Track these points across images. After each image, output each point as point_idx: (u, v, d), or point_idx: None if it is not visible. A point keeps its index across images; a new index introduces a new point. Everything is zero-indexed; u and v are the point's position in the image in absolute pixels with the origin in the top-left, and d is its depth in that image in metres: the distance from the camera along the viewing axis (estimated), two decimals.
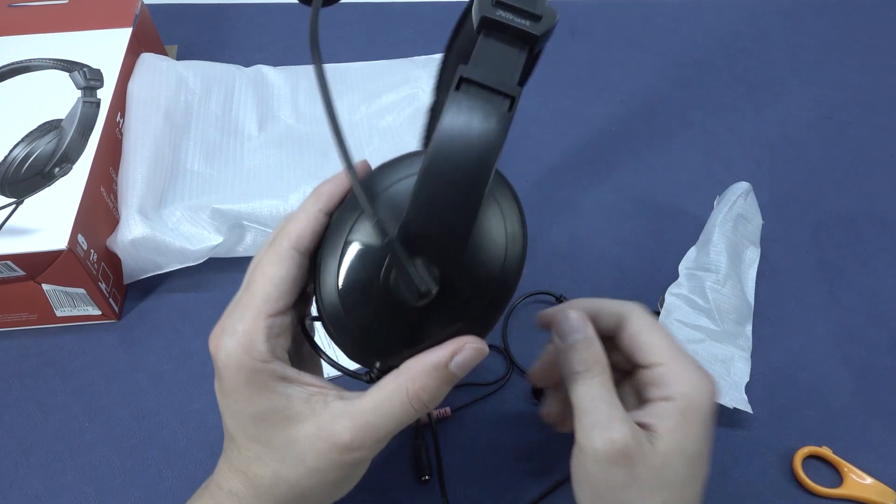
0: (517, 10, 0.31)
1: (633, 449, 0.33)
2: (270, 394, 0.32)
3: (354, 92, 0.66)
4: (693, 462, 0.34)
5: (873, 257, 0.59)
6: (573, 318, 0.37)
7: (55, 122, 0.56)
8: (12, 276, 0.51)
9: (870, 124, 0.69)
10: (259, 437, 0.32)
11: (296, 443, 0.32)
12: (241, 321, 0.32)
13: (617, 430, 0.33)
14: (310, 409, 0.32)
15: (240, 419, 0.33)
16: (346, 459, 0.32)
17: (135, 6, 0.66)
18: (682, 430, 0.34)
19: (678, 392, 0.34)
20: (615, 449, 0.33)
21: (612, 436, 0.33)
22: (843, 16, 0.80)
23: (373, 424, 0.32)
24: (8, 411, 0.51)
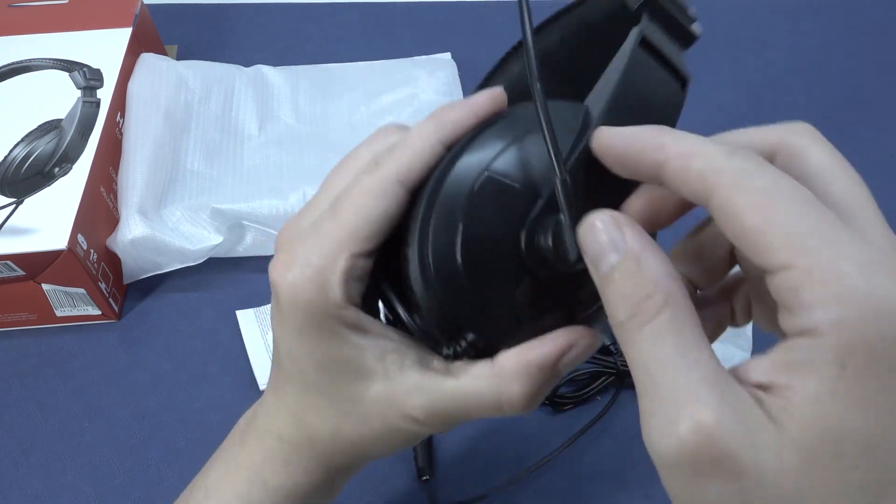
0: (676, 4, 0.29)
1: (728, 446, 0.19)
2: (342, 342, 0.28)
3: (354, 92, 0.66)
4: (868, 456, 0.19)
5: None
6: (599, 226, 0.22)
7: (55, 122, 0.56)
8: (12, 276, 0.51)
9: (870, 124, 0.69)
10: (321, 387, 0.29)
11: (362, 401, 0.28)
12: (317, 254, 0.27)
13: (689, 416, 0.19)
14: (383, 369, 0.28)
15: (301, 362, 0.29)
16: (413, 430, 0.29)
17: (135, 6, 0.66)
18: (841, 392, 0.18)
19: (827, 319, 0.18)
20: (687, 452, 0.19)
21: (680, 430, 0.19)
22: (843, 16, 0.80)
23: (450, 412, 0.28)
24: (8, 411, 0.51)
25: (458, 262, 0.26)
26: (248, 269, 0.58)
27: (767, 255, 0.19)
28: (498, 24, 0.77)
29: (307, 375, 0.29)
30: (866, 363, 0.18)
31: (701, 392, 0.19)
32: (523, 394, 0.26)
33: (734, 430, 0.19)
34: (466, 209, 0.26)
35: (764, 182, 0.20)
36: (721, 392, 0.19)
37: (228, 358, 0.53)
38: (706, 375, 0.20)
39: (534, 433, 0.49)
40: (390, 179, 0.27)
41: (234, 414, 0.50)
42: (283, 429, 0.31)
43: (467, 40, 0.75)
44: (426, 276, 0.26)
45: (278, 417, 0.31)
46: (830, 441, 0.18)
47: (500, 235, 0.26)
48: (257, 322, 0.54)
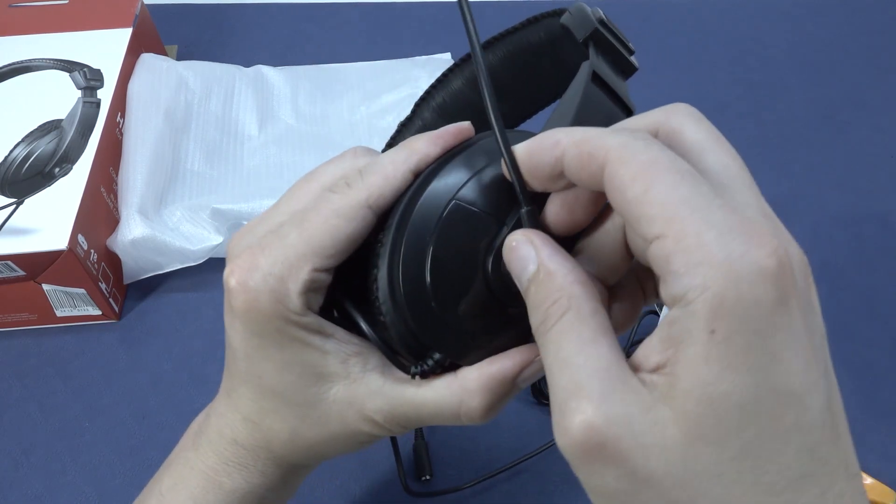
0: (618, 39, 0.31)
1: (609, 434, 0.20)
2: (303, 346, 0.28)
3: (354, 92, 0.66)
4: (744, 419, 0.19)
5: (873, 257, 0.59)
6: (514, 245, 0.24)
7: (55, 123, 0.56)
8: (12, 276, 0.51)
9: (870, 124, 0.69)
10: (279, 391, 0.29)
11: (321, 403, 0.29)
12: (280, 262, 0.27)
13: (574, 410, 0.20)
14: (345, 371, 0.29)
15: (259, 367, 0.29)
16: (371, 432, 0.30)
17: (135, 6, 0.66)
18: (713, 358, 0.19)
19: (694, 285, 0.19)
20: (577, 445, 0.20)
21: (569, 425, 0.20)
22: (843, 16, 0.80)
23: (410, 418, 0.29)
24: (8, 411, 0.51)
25: (428, 287, 0.27)
26: None
27: (645, 226, 0.20)
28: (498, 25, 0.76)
29: (264, 380, 0.29)
30: (731, 327, 0.19)
31: (588, 386, 0.20)
32: (483, 406, 0.28)
33: (615, 417, 0.20)
34: (435, 235, 0.27)
35: (645, 156, 0.21)
36: (608, 383, 0.20)
37: None
38: (597, 369, 0.21)
39: (532, 428, 0.49)
40: (360, 203, 0.27)
41: None
42: (239, 433, 0.31)
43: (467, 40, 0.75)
44: (396, 298, 0.27)
45: (234, 422, 0.31)
46: (709, 409, 0.19)
47: (467, 260, 0.27)
48: None
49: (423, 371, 0.28)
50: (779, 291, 0.19)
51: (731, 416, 0.19)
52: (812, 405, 0.20)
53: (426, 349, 0.28)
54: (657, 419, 0.20)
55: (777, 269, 0.19)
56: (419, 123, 0.39)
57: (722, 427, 0.19)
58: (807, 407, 0.19)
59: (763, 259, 0.19)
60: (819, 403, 0.20)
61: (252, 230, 0.29)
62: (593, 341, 0.21)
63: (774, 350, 0.19)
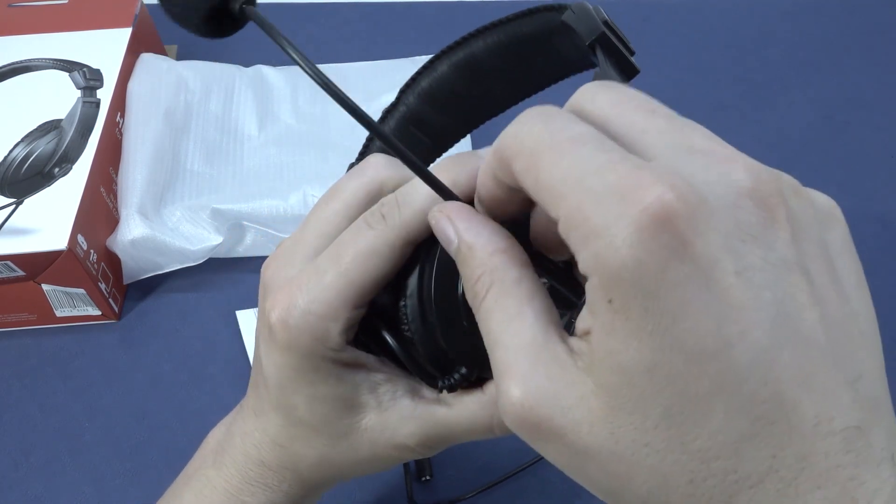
0: (621, 41, 0.31)
1: (540, 411, 0.20)
2: (337, 381, 0.28)
3: (354, 92, 0.66)
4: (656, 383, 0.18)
5: (873, 257, 0.59)
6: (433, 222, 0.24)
7: (55, 122, 0.56)
8: (12, 276, 0.51)
9: (870, 124, 0.69)
10: (311, 420, 0.29)
11: (353, 432, 0.29)
12: (320, 302, 0.27)
13: (505, 390, 0.20)
14: (375, 401, 0.29)
15: (293, 398, 0.29)
16: (400, 456, 0.30)
17: (135, 6, 0.66)
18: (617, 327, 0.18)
19: (586, 260, 0.18)
20: (515, 423, 0.20)
21: (504, 404, 0.20)
22: (843, 16, 0.80)
23: (442, 438, 0.29)
24: (8, 411, 0.51)
25: (459, 305, 0.27)
26: (248, 270, 0.58)
27: (549, 213, 0.20)
28: None
29: (297, 410, 0.29)
30: (625, 293, 0.18)
31: (515, 363, 0.20)
32: None
33: (543, 395, 0.19)
34: None
35: (530, 140, 0.20)
36: (532, 358, 0.20)
37: (228, 358, 0.53)
38: (521, 344, 0.20)
39: None
40: (400, 240, 0.27)
41: None
42: (266, 455, 0.31)
43: None
44: (426, 317, 0.27)
45: (261, 445, 0.31)
46: (621, 378, 0.18)
47: None
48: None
49: (450, 385, 0.28)
50: (665, 243, 0.17)
51: (642, 384, 0.18)
52: (737, 359, 0.17)
53: (452, 364, 0.28)
54: (582, 392, 0.19)
55: (657, 219, 0.17)
56: (403, 109, 0.38)
57: (636, 395, 0.18)
58: (730, 363, 0.17)
59: (638, 213, 0.17)
60: (749, 355, 0.17)
61: (288, 258, 0.29)
62: (518, 314, 0.21)
63: (673, 309, 0.17)
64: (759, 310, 0.18)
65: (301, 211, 0.56)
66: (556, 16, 0.33)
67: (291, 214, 0.56)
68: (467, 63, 0.36)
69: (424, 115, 0.38)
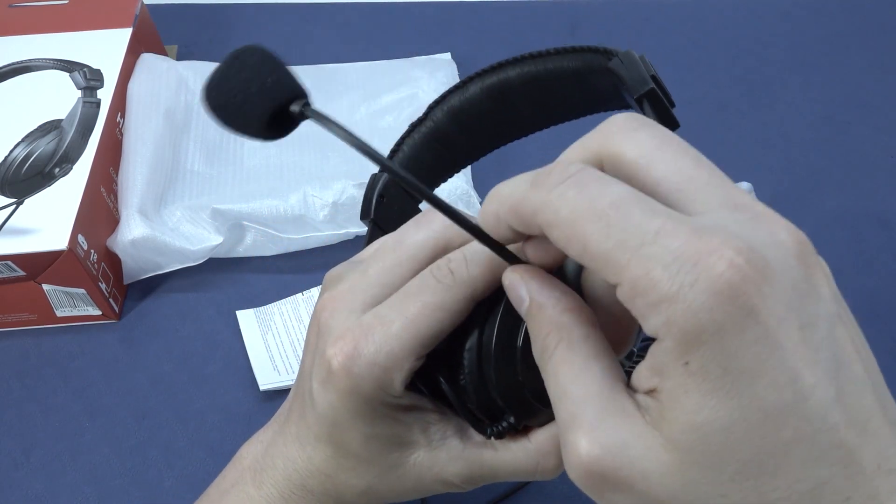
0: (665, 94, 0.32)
1: (610, 463, 0.20)
2: (393, 422, 0.30)
3: (354, 92, 0.66)
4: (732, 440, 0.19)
5: (873, 257, 0.59)
6: (508, 284, 0.25)
7: (55, 123, 0.56)
8: (12, 276, 0.51)
9: (870, 124, 0.69)
10: (361, 456, 0.30)
11: (402, 466, 0.31)
12: (385, 354, 0.28)
13: (573, 442, 0.21)
14: (426, 439, 0.30)
15: (346, 436, 0.30)
16: (442, 490, 0.31)
17: (135, 6, 0.66)
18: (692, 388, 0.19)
19: (659, 324, 0.19)
20: (582, 475, 0.21)
21: (571, 456, 0.21)
22: (843, 16, 0.80)
23: (486, 477, 0.31)
24: (8, 411, 0.51)
25: (516, 363, 0.28)
26: (248, 270, 0.58)
27: (605, 276, 0.20)
28: (498, 24, 0.77)
29: (350, 445, 0.30)
30: (703, 356, 0.18)
31: (582, 415, 0.21)
32: (558, 465, 0.30)
33: (610, 446, 0.20)
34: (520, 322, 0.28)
35: (567, 210, 0.20)
36: (600, 410, 0.21)
37: (228, 358, 0.53)
38: (589, 396, 0.21)
39: None
40: (466, 298, 0.28)
41: (235, 414, 0.51)
42: (310, 481, 0.32)
43: (467, 40, 0.75)
44: (484, 370, 0.29)
45: (305, 472, 0.32)
46: (696, 436, 0.19)
47: None
48: (257, 322, 0.54)
49: (498, 432, 0.30)
50: (740, 305, 0.18)
51: (719, 441, 0.19)
52: (812, 411, 0.19)
53: (501, 411, 0.29)
54: (651, 445, 0.20)
55: (732, 284, 0.18)
56: (430, 125, 0.39)
57: (712, 452, 0.19)
58: (806, 415, 0.18)
59: (713, 279, 0.18)
60: (822, 406, 0.19)
61: (346, 303, 0.29)
62: (585, 368, 0.22)
63: (751, 367, 0.18)
64: (822, 362, 0.19)
65: (301, 211, 0.56)
66: (600, 59, 0.34)
67: (291, 214, 0.56)
68: (500, 88, 0.37)
69: (451, 132, 0.39)
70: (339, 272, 0.31)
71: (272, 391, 0.51)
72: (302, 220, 0.56)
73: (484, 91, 0.37)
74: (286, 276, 0.58)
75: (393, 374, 0.28)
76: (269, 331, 0.54)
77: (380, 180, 0.39)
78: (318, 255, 0.59)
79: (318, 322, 0.30)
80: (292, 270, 0.58)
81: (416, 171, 0.40)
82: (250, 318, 0.55)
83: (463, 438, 0.31)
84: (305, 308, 0.55)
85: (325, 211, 0.56)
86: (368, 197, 0.38)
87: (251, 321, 0.54)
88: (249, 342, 0.53)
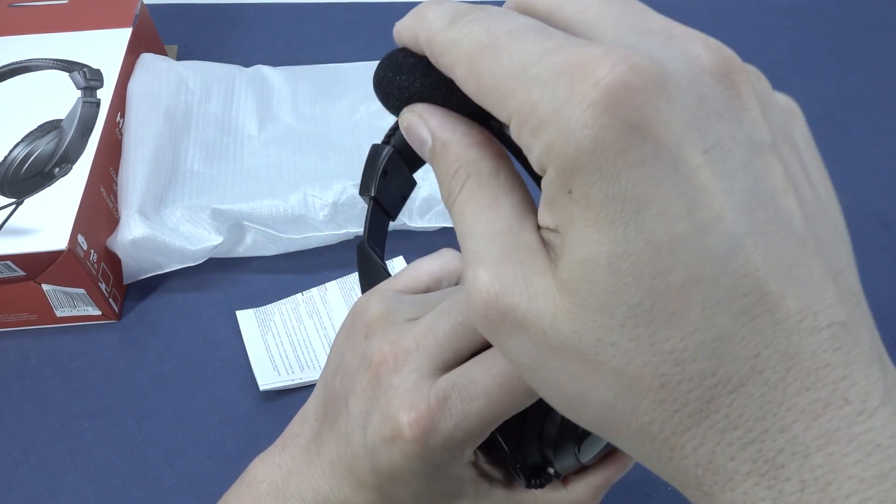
0: None
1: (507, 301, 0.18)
2: (449, 479, 0.29)
3: (354, 92, 0.66)
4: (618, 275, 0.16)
5: (873, 257, 0.59)
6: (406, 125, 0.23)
7: (55, 122, 0.56)
8: (12, 276, 0.51)
9: (870, 124, 0.69)
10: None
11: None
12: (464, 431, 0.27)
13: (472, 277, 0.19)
14: (474, 491, 0.30)
15: (401, 488, 0.29)
16: None
17: (135, 6, 0.66)
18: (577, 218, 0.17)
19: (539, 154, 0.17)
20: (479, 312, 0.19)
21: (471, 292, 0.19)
22: (843, 16, 0.80)
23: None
24: (8, 411, 0.51)
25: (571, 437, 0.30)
26: (248, 270, 0.58)
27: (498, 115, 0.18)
28: None
29: (398, 496, 0.29)
30: (584, 181, 0.16)
31: (486, 250, 0.19)
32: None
33: (512, 283, 0.18)
34: None
35: (465, 42, 0.19)
36: (506, 245, 0.19)
37: (228, 358, 0.53)
38: (494, 233, 0.19)
39: None
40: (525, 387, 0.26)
41: (235, 414, 0.51)
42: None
43: None
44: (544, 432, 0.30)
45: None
46: (582, 273, 0.17)
47: None
48: (257, 322, 0.54)
49: (540, 484, 0.31)
50: (623, 118, 0.16)
51: (605, 279, 0.16)
52: (714, 247, 0.16)
53: (546, 463, 0.31)
54: (548, 285, 0.18)
55: (611, 93, 0.15)
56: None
57: (599, 291, 0.16)
58: (706, 252, 0.16)
59: (589, 91, 0.16)
60: (727, 241, 0.16)
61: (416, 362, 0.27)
62: (493, 204, 0.20)
63: (637, 193, 0.16)
64: (733, 192, 0.16)
65: (301, 211, 0.56)
66: None
67: (291, 214, 0.56)
68: None
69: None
70: (385, 311, 0.29)
71: (272, 391, 0.51)
72: (302, 220, 0.56)
73: None
74: (286, 276, 0.58)
75: (466, 448, 0.27)
76: (269, 331, 0.54)
77: (383, 152, 0.34)
78: (318, 255, 0.59)
79: (374, 370, 0.28)
80: (292, 270, 0.58)
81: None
82: (250, 318, 0.55)
83: (507, 487, 0.31)
84: (305, 308, 0.55)
85: (325, 211, 0.56)
86: (370, 171, 0.34)
87: (251, 321, 0.54)
88: (249, 342, 0.53)
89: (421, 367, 0.27)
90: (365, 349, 0.29)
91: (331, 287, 0.56)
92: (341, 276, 0.57)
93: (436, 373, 0.27)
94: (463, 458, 0.28)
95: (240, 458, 0.48)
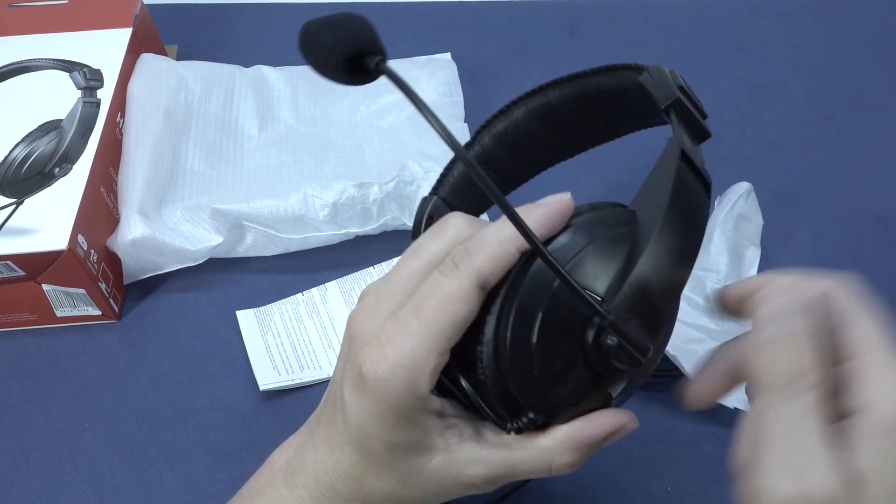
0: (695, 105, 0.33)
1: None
2: (413, 427, 0.31)
3: (354, 92, 0.66)
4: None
5: (873, 257, 0.59)
6: (779, 300, 0.27)
7: (55, 123, 0.56)
8: (12, 276, 0.51)
9: (870, 124, 0.69)
10: (384, 460, 0.32)
11: (421, 472, 0.32)
12: (407, 354, 0.29)
13: (814, 474, 0.23)
14: (444, 443, 0.31)
15: (372, 440, 0.31)
16: (463, 492, 0.33)
17: (135, 6, 0.66)
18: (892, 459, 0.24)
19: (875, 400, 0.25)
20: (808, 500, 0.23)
21: (806, 482, 0.23)
22: (843, 16, 0.80)
23: (504, 477, 0.32)
24: (8, 411, 0.51)
25: (532, 356, 0.29)
26: (248, 270, 0.58)
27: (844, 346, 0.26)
28: (498, 24, 0.77)
29: (374, 450, 0.31)
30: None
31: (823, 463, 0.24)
32: (573, 462, 0.31)
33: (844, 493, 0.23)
34: (542, 310, 0.29)
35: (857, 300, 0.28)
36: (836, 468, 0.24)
37: (228, 358, 0.53)
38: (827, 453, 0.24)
39: None
40: (472, 285, 0.29)
41: (234, 414, 0.51)
42: (338, 483, 0.33)
43: (467, 40, 0.75)
44: (501, 365, 0.30)
45: (334, 473, 0.33)
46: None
47: (569, 334, 0.29)
48: (257, 322, 0.54)
49: (518, 428, 0.31)
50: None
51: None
52: None
53: (521, 408, 0.30)
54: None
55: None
56: (478, 149, 0.41)
57: None
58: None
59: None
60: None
61: (372, 312, 0.31)
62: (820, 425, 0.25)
63: None
64: None
65: (301, 211, 0.56)
66: (633, 75, 0.35)
67: (291, 214, 0.56)
68: (542, 110, 0.38)
69: (498, 155, 0.41)
70: (371, 286, 0.33)
71: (272, 391, 0.51)
72: (302, 220, 0.56)
73: (527, 113, 0.39)
74: (286, 276, 0.58)
75: (417, 373, 0.29)
76: (269, 331, 0.54)
77: (429, 203, 0.41)
78: (318, 255, 0.59)
79: (349, 332, 0.32)
80: (292, 270, 0.58)
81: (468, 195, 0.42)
82: (250, 318, 0.55)
83: (479, 440, 0.32)
84: (305, 308, 0.55)
85: (325, 211, 0.56)
86: (419, 219, 0.40)
87: (251, 321, 0.54)
88: (249, 342, 0.53)
89: (377, 314, 0.31)
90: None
91: (331, 287, 0.56)
92: (341, 276, 0.57)
93: (390, 316, 0.30)
94: (420, 389, 0.29)
95: (240, 458, 0.49)
